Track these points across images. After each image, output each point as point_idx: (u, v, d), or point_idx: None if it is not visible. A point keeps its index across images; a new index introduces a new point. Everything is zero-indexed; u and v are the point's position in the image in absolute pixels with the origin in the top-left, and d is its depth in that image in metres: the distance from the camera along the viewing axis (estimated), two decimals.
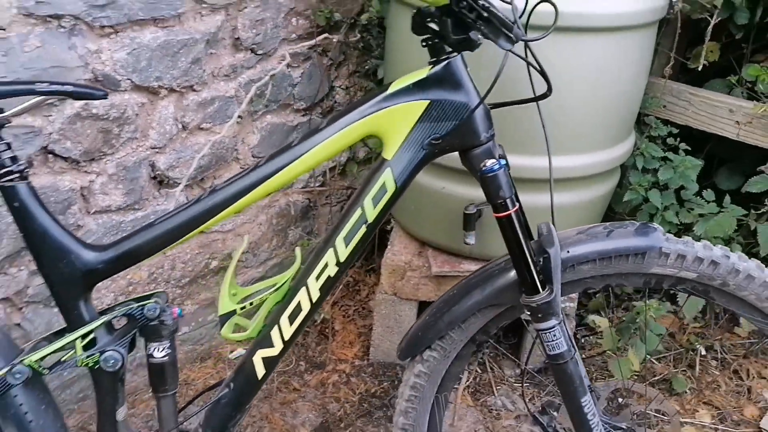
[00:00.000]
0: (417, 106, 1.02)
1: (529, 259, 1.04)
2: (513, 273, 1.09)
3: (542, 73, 1.00)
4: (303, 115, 1.98)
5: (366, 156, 2.21)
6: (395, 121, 1.03)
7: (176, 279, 1.78)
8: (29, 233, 1.00)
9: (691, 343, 2.00)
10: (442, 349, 1.18)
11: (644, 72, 1.64)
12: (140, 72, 1.51)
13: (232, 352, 1.98)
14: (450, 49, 1.03)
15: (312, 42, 1.86)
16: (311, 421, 1.77)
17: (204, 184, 1.77)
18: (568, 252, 1.07)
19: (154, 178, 1.65)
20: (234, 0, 1.65)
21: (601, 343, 1.91)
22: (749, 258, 1.09)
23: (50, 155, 1.44)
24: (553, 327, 1.06)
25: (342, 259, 1.06)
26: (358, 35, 2.00)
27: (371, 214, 1.04)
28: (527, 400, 1.75)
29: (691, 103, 1.87)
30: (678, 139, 1.85)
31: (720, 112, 1.82)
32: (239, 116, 1.73)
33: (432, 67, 1.03)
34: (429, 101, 1.02)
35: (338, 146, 1.04)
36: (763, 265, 1.09)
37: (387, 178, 1.04)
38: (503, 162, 1.02)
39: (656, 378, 1.89)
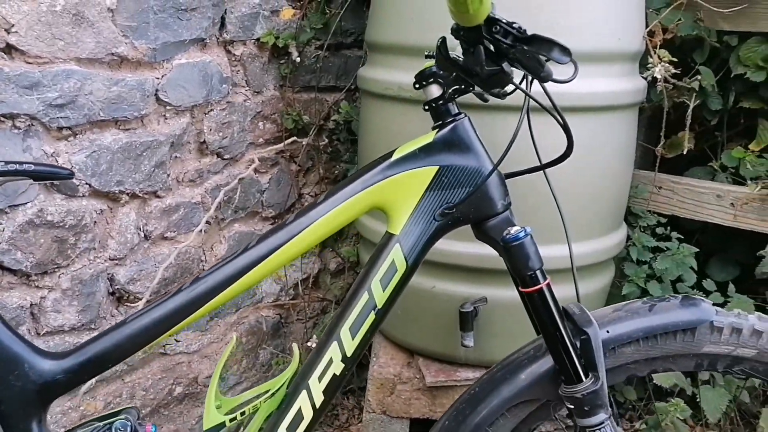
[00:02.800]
0: (425, 172, 0.92)
1: (568, 341, 0.91)
2: (546, 360, 0.95)
3: (565, 127, 0.91)
4: (272, 224, 1.86)
5: (338, 267, 2.07)
6: (402, 191, 0.92)
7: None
8: None
9: None
10: None
11: (630, 155, 1.59)
12: (100, 176, 1.37)
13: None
14: (457, 111, 0.95)
15: (280, 146, 1.78)
16: None
17: None
18: (608, 332, 0.94)
19: (113, 293, 1.47)
20: (199, 102, 1.56)
21: None
22: None
23: None
24: (603, 423, 0.91)
25: (349, 354, 0.90)
26: (326, 140, 1.93)
27: (380, 298, 0.91)
28: None
29: (674, 191, 1.83)
30: (669, 228, 1.79)
31: (707, 199, 1.78)
32: (207, 222, 1.59)
33: (438, 131, 0.94)
34: (438, 167, 0.92)
35: (339, 221, 0.92)
36: None
37: (396, 255, 0.91)
38: (529, 230, 0.91)
39: None
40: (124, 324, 0.88)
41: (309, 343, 1.85)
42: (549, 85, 0.88)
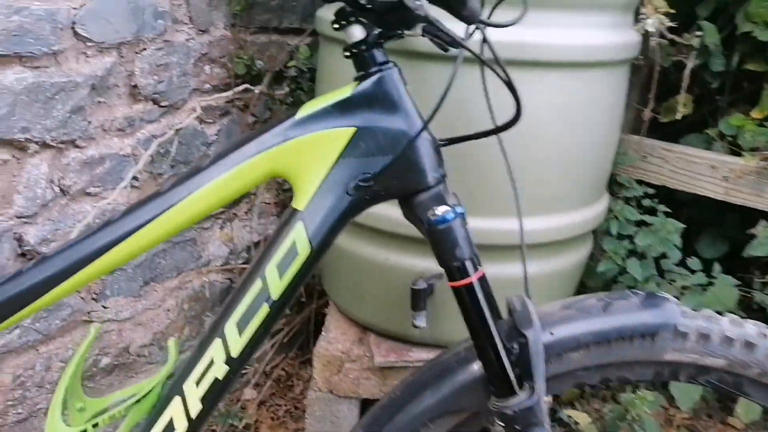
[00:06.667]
0: (338, 134, 0.75)
1: (500, 346, 0.75)
2: (477, 365, 0.79)
3: (509, 84, 0.73)
4: None
5: None
6: (309, 156, 0.75)
7: (53, 382, 1.41)
8: None
9: None
10: None
11: (617, 118, 1.40)
12: (0, 121, 1.20)
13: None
14: (383, 59, 0.76)
15: (229, 94, 1.59)
16: None
17: None
18: (552, 334, 0.78)
19: (23, 254, 1.31)
20: (128, 39, 1.37)
21: None
22: None
23: None
24: None
25: (234, 354, 0.74)
26: (287, 88, 1.74)
27: (276, 287, 0.74)
28: None
29: (666, 160, 1.64)
30: (656, 200, 1.61)
31: (700, 169, 1.60)
32: (135, 177, 1.42)
33: (358, 83, 0.76)
34: (355, 128, 0.75)
35: (228, 192, 0.75)
36: None
37: (298, 236, 0.74)
38: (459, 210, 0.74)
39: None
40: None
41: None
42: (504, 31, 0.70)
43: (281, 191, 1.84)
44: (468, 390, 0.79)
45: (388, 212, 1.33)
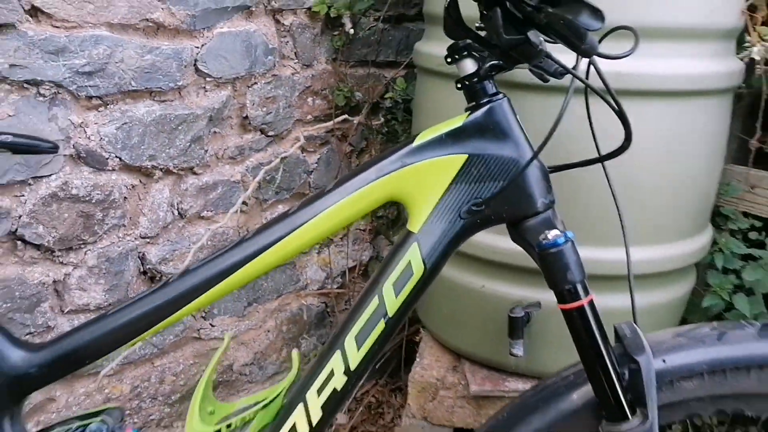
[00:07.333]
0: (451, 161, 0.79)
1: (611, 369, 0.76)
2: (587, 389, 0.80)
3: (620, 114, 0.75)
4: None
5: None
6: (423, 182, 0.79)
7: (165, 395, 1.50)
8: None
9: None
10: None
11: (720, 148, 1.39)
12: (131, 149, 1.31)
13: None
14: (494, 91, 0.80)
15: (329, 124, 1.67)
16: None
17: None
18: (664, 361, 0.78)
19: (145, 273, 1.41)
20: (242, 74, 1.47)
21: None
22: None
23: (19, 242, 1.21)
24: None
25: (353, 366, 0.79)
26: (382, 119, 1.80)
27: (392, 304, 0.78)
28: None
29: None
30: (765, 233, 1.56)
31: None
32: (244, 203, 1.50)
33: (470, 113, 0.80)
34: (467, 155, 0.79)
35: (349, 214, 0.80)
36: None
37: (413, 257, 0.78)
38: (570, 234, 0.76)
39: None
40: (105, 317, 0.79)
41: None
42: (606, 62, 0.73)
43: (374, 218, 1.90)
44: (577, 414, 0.80)
45: (485, 240, 1.36)
